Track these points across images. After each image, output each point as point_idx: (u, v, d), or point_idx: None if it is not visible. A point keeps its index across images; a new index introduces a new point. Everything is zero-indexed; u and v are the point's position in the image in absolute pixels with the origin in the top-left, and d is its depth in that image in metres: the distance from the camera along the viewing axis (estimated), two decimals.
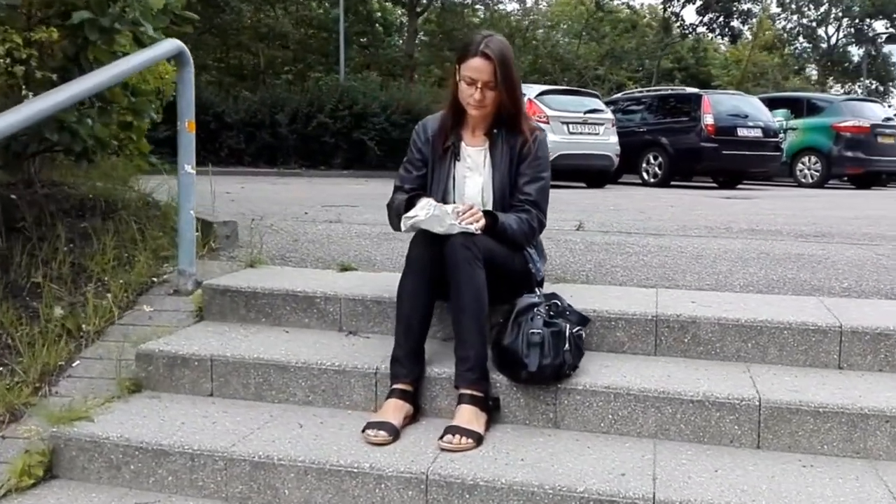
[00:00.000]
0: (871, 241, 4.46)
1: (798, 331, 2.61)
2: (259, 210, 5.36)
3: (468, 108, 2.68)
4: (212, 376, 2.69)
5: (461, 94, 2.68)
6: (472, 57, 2.62)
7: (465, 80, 2.64)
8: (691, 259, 3.68)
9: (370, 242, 4.08)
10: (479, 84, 2.61)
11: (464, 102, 2.68)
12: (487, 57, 2.59)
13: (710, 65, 31.60)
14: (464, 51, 2.67)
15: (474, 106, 2.66)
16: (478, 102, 2.64)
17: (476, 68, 2.61)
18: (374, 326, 2.95)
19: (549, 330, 2.40)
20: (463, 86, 2.65)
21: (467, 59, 2.63)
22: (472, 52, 2.62)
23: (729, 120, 13.13)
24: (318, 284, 3.09)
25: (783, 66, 31.85)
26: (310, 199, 7.18)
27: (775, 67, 30.20)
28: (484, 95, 2.63)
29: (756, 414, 2.29)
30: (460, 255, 2.45)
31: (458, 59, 2.70)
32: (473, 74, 2.61)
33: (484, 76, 2.60)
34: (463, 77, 2.64)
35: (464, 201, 2.71)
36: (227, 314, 3.09)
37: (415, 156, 2.85)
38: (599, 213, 6.18)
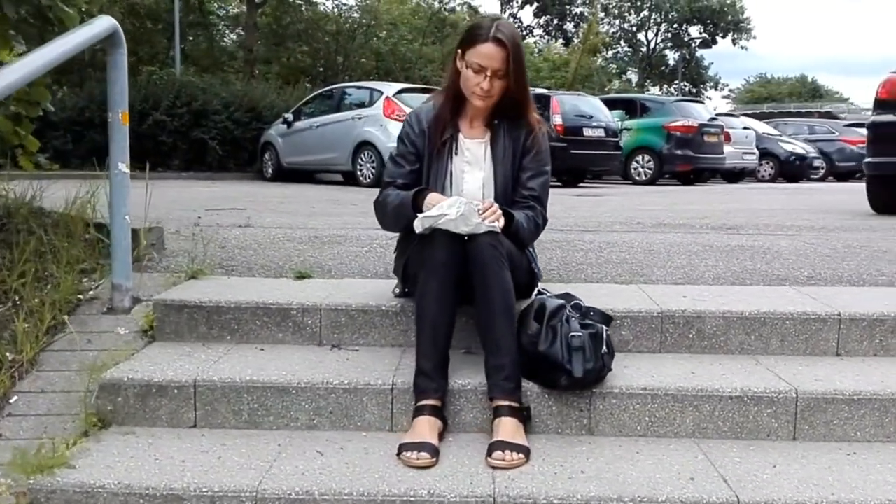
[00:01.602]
0: (787, 231, 4.77)
1: (799, 320, 2.68)
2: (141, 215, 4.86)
3: (472, 98, 2.52)
4: (195, 405, 2.35)
5: (465, 82, 2.52)
6: (483, 42, 2.46)
7: (472, 68, 2.48)
8: (646, 254, 3.73)
9: (308, 247, 3.79)
10: (488, 72, 2.46)
11: (467, 92, 2.52)
12: (500, 43, 2.44)
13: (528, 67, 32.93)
14: (471, 35, 2.51)
15: (480, 96, 2.50)
16: (485, 93, 2.49)
17: (487, 55, 2.45)
18: (359, 338, 2.72)
19: (587, 332, 2.30)
20: (469, 73, 2.49)
21: (476, 45, 2.47)
22: (482, 36, 2.46)
23: (576, 120, 13.70)
24: (287, 295, 2.81)
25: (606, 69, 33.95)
26: (178, 203, 6.63)
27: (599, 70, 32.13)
28: (492, 85, 2.48)
29: (793, 406, 2.32)
30: (489, 256, 2.30)
31: (464, 43, 2.53)
32: (483, 62, 2.46)
33: (495, 64, 2.45)
34: (470, 64, 2.48)
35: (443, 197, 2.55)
36: (184, 333, 2.73)
37: (408, 149, 2.65)
38: None
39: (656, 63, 35.89)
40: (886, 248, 3.94)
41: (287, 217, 5.32)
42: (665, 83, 36.80)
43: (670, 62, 36.10)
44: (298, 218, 5.26)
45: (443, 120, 2.61)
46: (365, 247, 3.81)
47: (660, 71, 36.57)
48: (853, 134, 22.00)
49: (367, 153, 11.86)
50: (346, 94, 13.47)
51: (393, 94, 12.14)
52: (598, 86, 29.33)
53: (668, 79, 36.40)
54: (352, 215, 5.64)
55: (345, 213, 5.93)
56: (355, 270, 3.29)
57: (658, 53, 35.84)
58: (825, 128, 23.20)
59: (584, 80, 27.94)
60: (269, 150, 13.93)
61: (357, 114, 12.33)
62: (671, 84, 35.97)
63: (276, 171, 13.66)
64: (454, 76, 2.58)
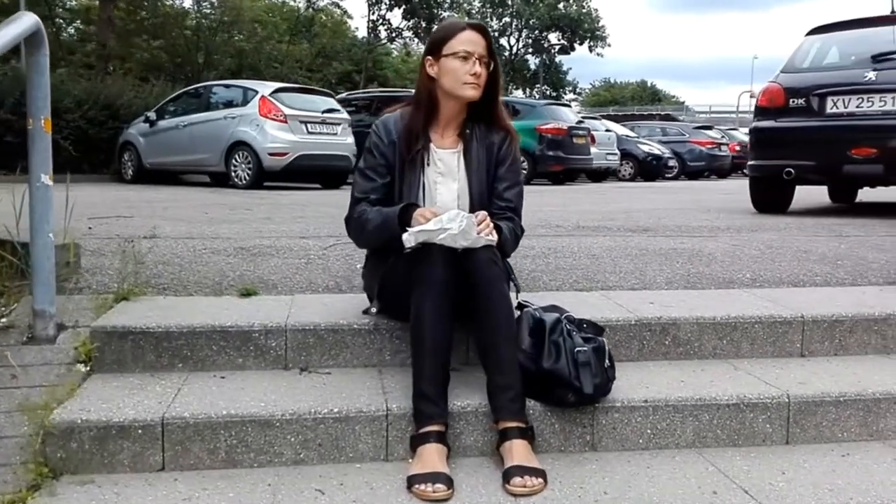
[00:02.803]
0: (700, 232, 4.93)
1: (767, 324, 2.74)
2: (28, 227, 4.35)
3: (464, 90, 2.40)
4: (163, 445, 2.08)
5: (451, 77, 2.40)
6: (462, 31, 2.41)
7: (458, 57, 2.37)
8: (590, 259, 3.73)
9: (239, 261, 3.50)
10: (475, 57, 2.38)
11: (457, 85, 2.40)
12: (479, 29, 2.43)
13: (387, 69, 33.17)
14: (444, 32, 2.44)
15: (472, 84, 2.40)
16: (477, 79, 2.39)
17: (471, 40, 2.39)
18: (329, 360, 2.53)
19: (590, 346, 2.23)
20: (454, 65, 2.38)
21: (455, 35, 2.40)
22: (458, 27, 2.43)
23: None
24: (245, 316, 2.57)
25: None
26: None
27: None
28: (481, 71, 2.39)
29: (786, 411, 2.35)
30: (490, 272, 2.19)
31: (437, 44, 2.42)
32: (469, 47, 2.38)
33: (480, 49, 2.40)
34: (455, 53, 2.38)
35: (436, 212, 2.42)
36: (127, 364, 2.43)
37: (377, 161, 2.49)
38: None
39: (518, 67, 36.99)
40: (806, 249, 4.14)
41: (187, 225, 4.94)
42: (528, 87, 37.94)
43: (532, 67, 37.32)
44: (200, 226, 4.90)
45: (415, 131, 2.48)
46: (302, 258, 3.57)
47: (522, 75, 37.67)
48: (701, 136, 23.57)
49: (242, 154, 11.40)
50: (216, 93, 12.87)
51: (269, 94, 11.73)
52: None
53: (531, 83, 37.55)
54: (258, 222, 5.32)
55: (247, 218, 5.60)
56: (303, 285, 3.07)
57: (520, 58, 36.92)
58: (676, 129, 24.68)
59: None
60: (128, 151, 13.10)
61: (229, 113, 11.81)
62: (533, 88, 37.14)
63: (136, 173, 12.87)
64: (426, 84, 2.46)
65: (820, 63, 6.74)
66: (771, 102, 6.59)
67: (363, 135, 11.71)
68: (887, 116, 5.98)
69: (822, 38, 6.94)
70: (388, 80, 31.11)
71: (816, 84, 6.35)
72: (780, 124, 6.51)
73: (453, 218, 2.16)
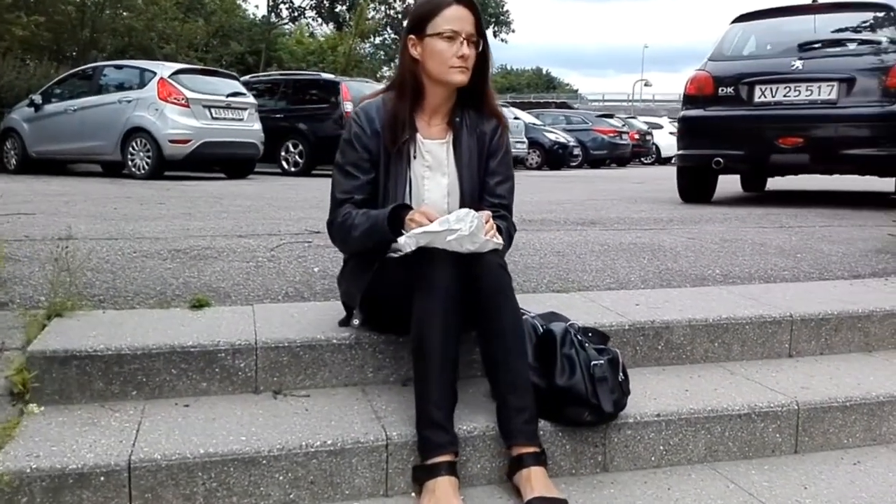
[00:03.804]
0: (650, 225, 4.89)
1: (757, 324, 2.68)
2: None
3: (450, 74, 2.19)
4: (130, 494, 1.80)
5: (436, 60, 2.18)
6: (448, 6, 2.17)
7: (443, 37, 2.15)
8: (556, 256, 3.59)
9: (178, 265, 3.18)
10: (462, 36, 2.16)
11: (443, 68, 2.18)
12: (467, 3, 2.19)
13: (281, 50, 32.35)
14: (428, 8, 2.19)
15: (460, 68, 2.18)
16: (465, 61, 2.17)
17: (458, 17, 2.17)
18: (306, 380, 2.29)
19: (606, 359, 2.08)
20: (440, 46, 2.16)
21: (441, 11, 2.17)
22: (444, 2, 2.17)
23: None
24: (208, 333, 2.29)
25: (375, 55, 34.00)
26: None
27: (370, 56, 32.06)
28: (469, 52, 2.18)
29: (795, 419, 2.28)
30: (501, 280, 2.01)
31: (420, 22, 2.20)
32: (455, 25, 2.16)
33: (468, 26, 2.18)
34: (441, 33, 2.16)
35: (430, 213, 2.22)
36: (72, 394, 2.11)
37: (360, 155, 2.25)
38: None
39: None
40: (761, 242, 4.16)
41: (103, 223, 4.52)
42: None
43: None
44: (118, 224, 4.48)
45: (400, 118, 2.25)
46: (249, 261, 3.28)
47: None
48: (603, 124, 24.05)
49: (140, 141, 10.75)
50: (108, 74, 12.05)
51: (168, 76, 11.06)
52: (370, 72, 29.28)
53: None
54: (180, 218, 4.93)
55: (164, 214, 5.19)
56: (259, 293, 2.79)
57: None
58: (579, 118, 25.07)
59: (356, 66, 27.71)
60: (11, 138, 12.13)
61: (124, 96, 11.09)
62: None
63: (21, 162, 11.94)
64: (409, 66, 2.23)
65: (747, 51, 6.86)
66: (699, 91, 6.66)
67: (266, 121, 11.29)
68: (813, 106, 6.13)
69: (747, 25, 7.07)
70: (282, 63, 30.31)
71: (745, 73, 6.45)
72: (709, 113, 6.58)
73: (462, 218, 1.96)
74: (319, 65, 27.92)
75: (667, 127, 29.68)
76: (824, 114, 6.08)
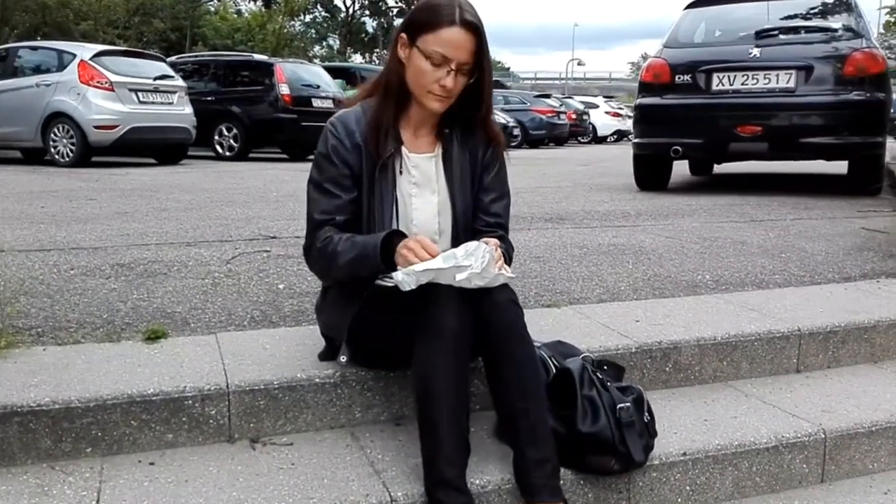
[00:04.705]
0: (619, 221, 4.74)
1: (765, 340, 2.53)
2: None
3: (426, 98, 1.93)
4: None
5: (417, 77, 1.91)
6: (448, 26, 1.86)
7: (431, 59, 1.88)
8: (535, 262, 3.39)
9: (123, 284, 2.85)
10: (452, 65, 1.88)
11: (418, 90, 1.92)
12: (470, 27, 1.87)
13: (205, 27, 31.37)
14: (428, 15, 1.89)
15: (438, 97, 1.92)
16: (446, 92, 1.91)
17: (454, 43, 1.86)
18: (287, 425, 2.03)
19: (631, 399, 1.88)
20: (425, 66, 1.89)
21: (437, 29, 1.86)
22: (445, 18, 1.86)
23: (303, 90, 13.15)
24: (172, 377, 2.01)
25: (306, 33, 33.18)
26: None
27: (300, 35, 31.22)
28: (456, 82, 1.91)
29: (822, 447, 2.13)
30: (516, 318, 1.79)
31: (416, 26, 1.91)
32: (448, 52, 1.87)
33: (462, 55, 1.88)
34: (428, 54, 1.88)
35: (413, 232, 1.98)
36: (15, 454, 1.82)
37: (340, 171, 1.98)
38: (263, 204, 5.47)
39: (355, 30, 35.93)
40: (740, 240, 4.04)
41: (30, 229, 4.10)
42: (366, 52, 37.03)
43: (369, 30, 36.45)
44: (48, 229, 4.08)
45: (384, 127, 1.98)
46: (204, 277, 2.97)
47: (360, 39, 36.68)
48: (542, 104, 24.02)
49: (63, 127, 10.17)
50: (24, 56, 11.31)
51: (90, 58, 10.44)
52: (301, 51, 28.53)
53: (369, 47, 36.66)
54: (116, 219, 4.54)
55: (98, 214, 4.78)
56: (222, 318, 2.50)
57: (357, 21, 35.92)
58: (518, 98, 24.96)
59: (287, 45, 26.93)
60: None
61: (43, 80, 10.44)
62: (372, 52, 36.31)
63: None
64: (396, 68, 1.97)
65: (704, 38, 6.77)
66: (656, 79, 6.54)
67: (196, 104, 10.73)
68: (772, 94, 6.08)
69: (700, 11, 6.98)
70: (206, 40, 29.36)
71: (702, 60, 6.36)
72: (667, 101, 6.48)
73: (472, 252, 1.72)
74: (248, 44, 27.05)
75: (602, 106, 29.94)
76: (783, 102, 6.03)
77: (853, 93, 5.87)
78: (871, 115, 5.94)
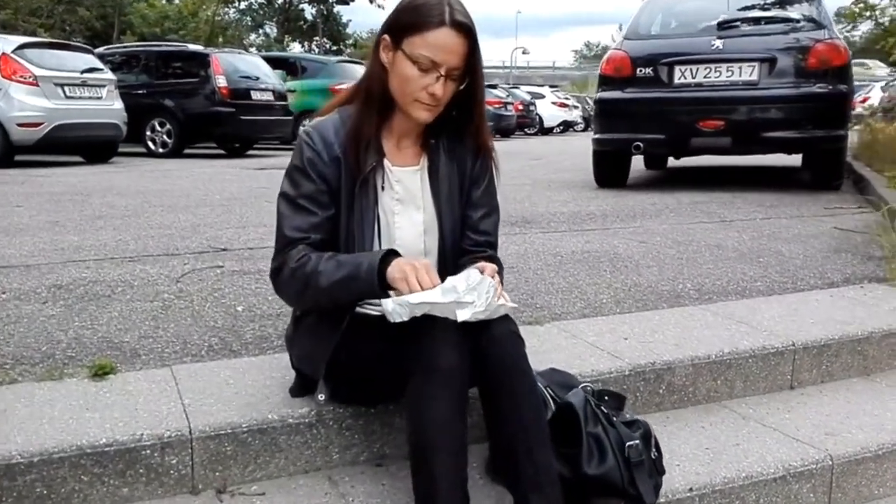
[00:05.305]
0: (588, 224, 4.66)
1: (760, 357, 2.47)
2: None
3: (412, 107, 1.80)
4: None
5: (403, 84, 1.78)
6: (437, 27, 1.72)
7: (418, 64, 1.74)
8: (511, 273, 3.29)
9: (62, 310, 2.64)
10: (442, 70, 1.75)
11: (406, 98, 1.79)
12: (461, 28, 1.74)
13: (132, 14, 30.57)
14: (414, 15, 1.75)
15: (426, 105, 1.79)
16: (435, 101, 1.78)
17: (443, 46, 1.73)
18: (257, 471, 1.89)
19: (638, 435, 1.78)
20: (412, 72, 1.75)
21: (427, 30, 1.73)
22: (433, 18, 1.72)
23: (242, 82, 12.87)
24: (119, 420, 1.84)
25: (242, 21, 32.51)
26: None
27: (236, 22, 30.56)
28: (446, 89, 1.78)
29: (829, 475, 2.08)
30: (518, 354, 1.68)
31: (401, 27, 1.77)
32: (437, 56, 1.73)
33: (453, 59, 1.75)
34: (415, 58, 1.74)
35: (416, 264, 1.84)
36: None
37: (317, 186, 1.83)
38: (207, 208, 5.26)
39: (294, 17, 35.33)
40: (714, 243, 4.00)
41: None
42: (306, 39, 36.46)
43: (308, 17, 35.92)
44: None
45: (365, 138, 1.84)
46: (153, 299, 2.78)
47: (298, 26, 36.09)
48: (489, 95, 23.87)
49: None
50: None
51: (12, 50, 9.98)
52: (237, 39, 27.91)
53: (308, 35, 36.12)
54: (48, 230, 4.28)
55: (28, 224, 4.50)
56: (176, 347, 2.33)
57: (295, 8, 35.33)
58: None
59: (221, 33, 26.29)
60: None
61: None
62: (311, 41, 35.78)
63: None
64: (378, 74, 1.83)
65: (665, 30, 6.76)
66: (617, 72, 6.49)
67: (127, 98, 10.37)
68: (735, 87, 6.09)
69: (659, 1, 6.96)
70: (133, 27, 28.55)
71: (664, 53, 6.34)
72: (628, 95, 6.44)
73: (474, 287, 1.60)
74: (180, 32, 26.36)
75: (549, 97, 30.06)
76: (746, 95, 6.05)
77: (816, 85, 5.92)
78: (834, 109, 6.00)
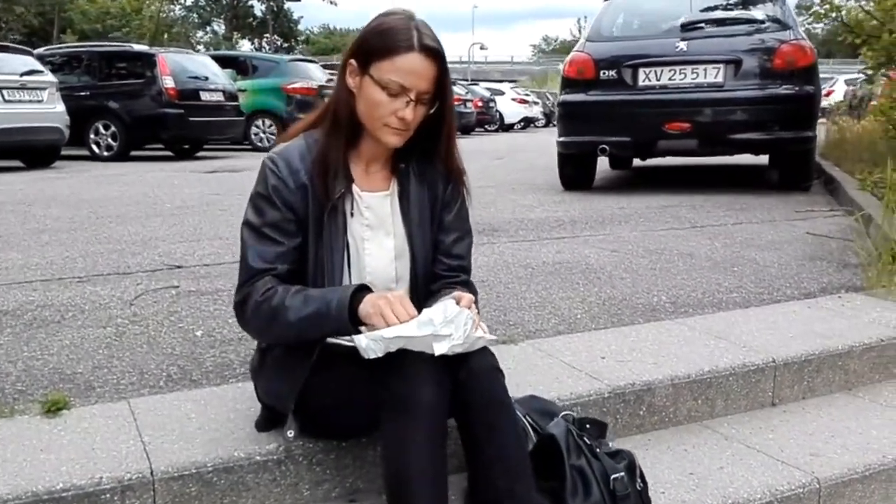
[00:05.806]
0: (557, 232, 4.65)
1: (740, 375, 2.47)
2: None
3: (381, 132, 1.77)
4: None
5: (371, 109, 1.74)
6: (406, 52, 1.69)
7: (387, 89, 1.71)
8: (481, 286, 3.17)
9: (12, 340, 2.55)
10: (412, 95, 1.72)
11: (375, 123, 1.76)
12: (431, 53, 1.72)
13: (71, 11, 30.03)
14: (382, 39, 1.72)
15: (395, 130, 1.76)
16: (405, 126, 1.75)
17: (413, 71, 1.70)
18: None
19: (623, 466, 1.76)
20: (380, 97, 1.72)
21: (395, 55, 1.70)
22: (402, 43, 1.70)
23: (189, 82, 12.71)
24: (75, 461, 1.77)
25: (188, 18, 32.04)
26: None
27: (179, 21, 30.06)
28: (416, 113, 1.75)
29: (816, 498, 2.08)
30: (498, 389, 1.66)
31: (368, 51, 1.74)
32: (407, 80, 1.70)
33: (422, 84, 1.72)
34: (385, 83, 1.71)
35: (368, 281, 1.82)
36: None
37: (283, 214, 1.78)
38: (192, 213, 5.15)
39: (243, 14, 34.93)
40: (686, 251, 4.01)
41: None
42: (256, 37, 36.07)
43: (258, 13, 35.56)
44: None
45: (333, 164, 1.80)
46: (105, 325, 2.69)
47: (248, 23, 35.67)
48: None
49: None
50: None
51: None
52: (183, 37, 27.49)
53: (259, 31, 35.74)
54: None
55: None
56: (132, 378, 2.25)
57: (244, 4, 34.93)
58: None
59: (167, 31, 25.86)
60: None
61: None
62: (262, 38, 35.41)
63: None
64: (345, 99, 1.79)
65: (628, 32, 6.79)
66: (580, 74, 6.51)
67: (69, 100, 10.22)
68: (700, 89, 6.15)
69: (621, 2, 7.00)
70: (73, 24, 27.98)
71: (628, 55, 6.37)
72: (592, 98, 6.46)
73: (451, 319, 1.57)
74: (123, 30, 25.88)
75: (508, 93, 30.19)
76: (712, 97, 6.11)
77: (782, 87, 6.00)
78: (802, 110, 6.08)
